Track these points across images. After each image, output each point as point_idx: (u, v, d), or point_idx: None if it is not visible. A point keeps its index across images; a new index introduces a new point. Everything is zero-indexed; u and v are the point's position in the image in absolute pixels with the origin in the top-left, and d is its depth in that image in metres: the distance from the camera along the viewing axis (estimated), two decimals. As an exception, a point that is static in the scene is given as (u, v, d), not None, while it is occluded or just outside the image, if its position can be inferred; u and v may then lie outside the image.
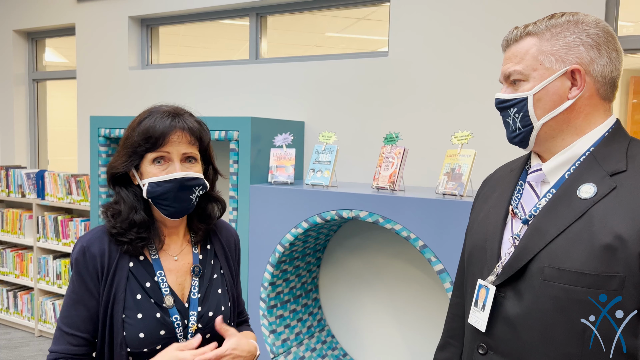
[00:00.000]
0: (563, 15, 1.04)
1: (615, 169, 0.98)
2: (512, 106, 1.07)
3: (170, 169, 1.20)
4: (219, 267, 1.36)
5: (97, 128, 3.09)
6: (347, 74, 2.99)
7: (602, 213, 0.94)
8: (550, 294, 0.96)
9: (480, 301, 1.08)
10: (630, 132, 3.23)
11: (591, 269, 0.92)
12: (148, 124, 1.19)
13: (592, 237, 0.93)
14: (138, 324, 1.19)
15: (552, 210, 1.01)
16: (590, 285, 0.92)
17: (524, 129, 1.07)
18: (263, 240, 2.57)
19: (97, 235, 1.23)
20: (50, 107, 4.81)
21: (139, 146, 1.19)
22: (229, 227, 1.46)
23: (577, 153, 1.04)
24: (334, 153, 2.52)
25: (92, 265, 1.20)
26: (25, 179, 4.10)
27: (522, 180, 1.14)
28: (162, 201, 1.20)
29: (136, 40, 3.92)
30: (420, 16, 2.78)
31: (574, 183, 1.01)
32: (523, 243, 1.02)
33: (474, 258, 1.16)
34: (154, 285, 1.23)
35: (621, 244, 0.90)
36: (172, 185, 1.19)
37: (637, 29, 2.59)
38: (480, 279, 1.09)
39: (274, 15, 3.45)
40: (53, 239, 4.00)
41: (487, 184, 1.29)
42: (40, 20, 4.34)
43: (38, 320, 4.11)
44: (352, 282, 2.91)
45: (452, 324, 1.33)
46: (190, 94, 3.57)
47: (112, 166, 1.23)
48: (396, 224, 2.20)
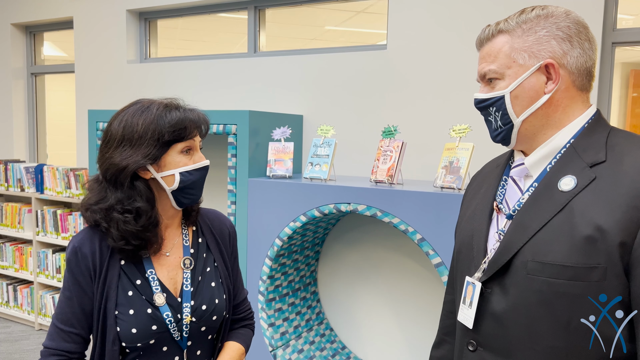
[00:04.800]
0: (533, 10, 1.05)
1: (595, 160, 0.98)
2: (490, 105, 1.08)
3: (195, 158, 1.26)
4: (212, 260, 1.36)
5: (96, 122, 3.08)
6: (345, 67, 2.98)
7: (582, 205, 0.94)
8: (534, 287, 0.96)
9: (467, 298, 1.08)
10: (630, 126, 3.23)
11: (573, 261, 0.92)
12: (175, 115, 1.21)
13: (572, 230, 0.93)
14: (130, 319, 1.21)
15: (534, 204, 1.01)
16: (572, 278, 0.92)
17: (504, 127, 1.07)
18: (261, 234, 2.57)
19: (88, 235, 1.24)
20: (48, 101, 4.80)
21: (167, 136, 1.19)
22: (223, 217, 1.45)
23: (557, 145, 1.04)
24: (332, 147, 2.51)
25: (84, 265, 1.21)
26: (24, 173, 4.10)
27: (505, 175, 1.14)
28: (190, 190, 1.25)
29: (134, 33, 3.91)
30: (418, 9, 2.77)
31: (554, 176, 1.01)
32: (507, 238, 1.02)
33: (462, 255, 1.16)
34: (144, 282, 1.25)
35: (601, 235, 0.90)
36: (203, 172, 1.27)
37: (637, 21, 2.58)
38: (468, 276, 1.10)
39: (272, 8, 3.43)
40: (52, 233, 4.00)
41: (476, 180, 1.29)
42: (39, 14, 4.33)
43: (38, 314, 4.12)
44: (350, 276, 2.92)
45: (446, 321, 1.33)
46: (189, 88, 3.56)
47: (124, 163, 1.18)
48: (394, 218, 2.20)
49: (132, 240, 1.20)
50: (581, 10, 2.40)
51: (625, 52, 3.08)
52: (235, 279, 1.45)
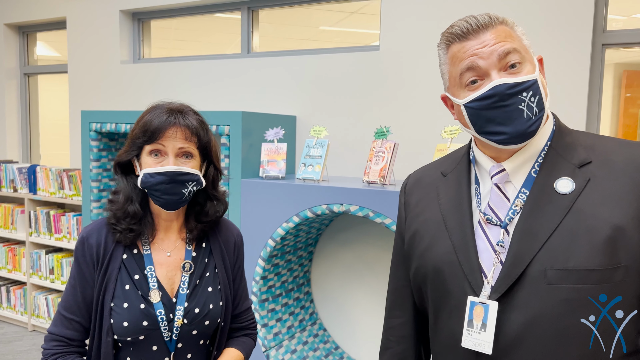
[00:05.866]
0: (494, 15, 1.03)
1: (582, 161, 0.98)
2: (525, 89, 0.95)
3: (164, 162, 1.24)
4: (213, 266, 1.37)
5: (89, 123, 3.08)
6: (338, 68, 2.99)
7: (590, 206, 0.93)
8: (560, 297, 0.91)
9: (476, 321, 0.98)
10: (623, 126, 3.25)
11: (597, 264, 0.89)
12: (147, 118, 1.26)
13: (590, 232, 0.91)
14: (123, 312, 1.24)
15: (536, 210, 0.97)
16: (599, 281, 0.89)
17: (539, 113, 0.97)
18: (254, 234, 2.57)
19: (97, 227, 1.31)
20: (42, 102, 4.79)
21: (138, 138, 1.26)
22: (232, 226, 1.46)
23: (537, 148, 1.02)
24: (325, 147, 2.52)
25: (89, 255, 1.27)
26: (17, 174, 4.09)
27: (476, 184, 1.08)
28: (155, 192, 1.25)
29: (128, 34, 3.90)
30: (411, 10, 2.78)
31: (547, 179, 0.98)
32: (515, 248, 0.96)
33: (445, 274, 1.04)
34: (142, 278, 1.28)
35: (621, 234, 0.90)
36: (164, 177, 1.23)
37: (627, 23, 2.59)
38: (471, 296, 0.99)
39: (266, 9, 3.44)
40: (45, 234, 3.99)
41: (415, 190, 1.20)
42: (32, 14, 4.31)
43: (31, 315, 4.11)
44: (343, 276, 2.93)
45: (397, 347, 1.21)
46: (182, 88, 3.56)
47: (118, 155, 1.31)
48: (386, 218, 2.20)
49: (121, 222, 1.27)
50: (571, 12, 2.42)
51: (618, 53, 3.10)
52: (239, 288, 1.45)
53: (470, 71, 0.99)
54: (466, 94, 1.01)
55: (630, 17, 2.64)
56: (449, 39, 1.04)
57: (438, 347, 1.10)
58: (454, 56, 1.02)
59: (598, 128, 2.55)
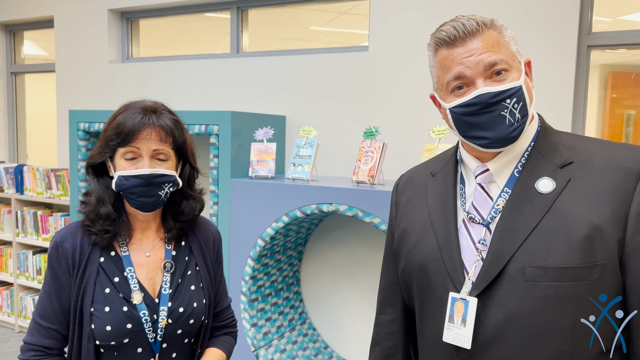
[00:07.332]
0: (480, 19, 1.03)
1: (563, 161, 1.00)
2: (509, 97, 0.98)
3: (139, 164, 1.21)
4: (194, 264, 1.36)
5: (77, 122, 3.06)
6: (327, 68, 3.00)
7: (569, 205, 0.95)
8: (537, 293, 0.93)
9: (457, 316, 1.00)
10: (609, 126, 3.30)
11: (573, 261, 0.91)
12: (120, 119, 1.21)
13: (567, 230, 0.93)
14: (106, 317, 1.21)
15: (516, 209, 0.99)
16: (576, 278, 0.91)
17: (522, 119, 1.00)
18: (244, 234, 2.57)
19: (71, 231, 1.26)
20: (29, 101, 4.74)
21: (111, 140, 1.22)
22: (209, 224, 1.45)
23: (521, 149, 1.04)
24: (315, 147, 2.53)
25: (64, 260, 1.23)
26: (3, 174, 4.05)
27: (462, 184, 1.10)
28: (130, 195, 1.22)
29: (116, 33, 3.88)
30: (400, 11, 2.79)
31: (529, 179, 1.01)
32: (495, 246, 0.98)
33: (430, 271, 1.07)
34: (122, 280, 1.25)
35: (598, 233, 0.92)
36: (140, 180, 1.20)
37: (612, 25, 2.63)
38: (452, 292, 1.01)
39: (256, 8, 3.43)
40: (32, 234, 3.95)
41: (407, 189, 1.23)
42: (18, 13, 4.27)
43: (18, 316, 4.07)
44: (333, 275, 2.93)
45: (386, 343, 1.24)
46: (171, 88, 3.55)
47: (90, 156, 1.27)
48: (375, 218, 2.22)
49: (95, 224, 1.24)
50: (557, 14, 2.45)
51: (604, 54, 3.13)
52: (219, 286, 1.44)
53: (457, 80, 1.02)
54: (452, 99, 1.04)
55: (616, 19, 2.67)
56: (437, 44, 1.06)
57: (423, 342, 1.12)
58: (442, 62, 1.04)
59: (584, 128, 2.58)
